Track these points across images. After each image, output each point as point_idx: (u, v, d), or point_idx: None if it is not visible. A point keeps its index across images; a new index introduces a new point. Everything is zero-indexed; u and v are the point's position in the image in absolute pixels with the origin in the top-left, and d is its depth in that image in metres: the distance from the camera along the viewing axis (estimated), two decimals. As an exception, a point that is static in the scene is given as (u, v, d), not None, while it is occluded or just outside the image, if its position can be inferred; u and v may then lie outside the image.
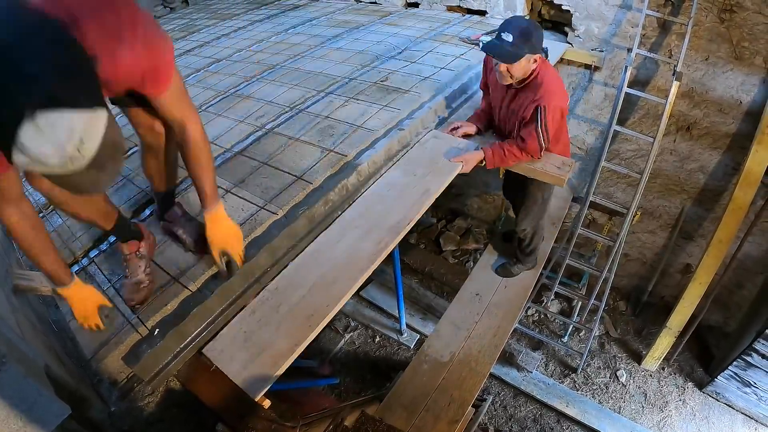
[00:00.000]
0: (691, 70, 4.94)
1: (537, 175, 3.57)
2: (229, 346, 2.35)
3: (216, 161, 3.47)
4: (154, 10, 10.03)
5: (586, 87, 5.80)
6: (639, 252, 6.75)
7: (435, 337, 4.33)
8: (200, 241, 2.54)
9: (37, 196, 2.54)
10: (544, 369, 6.31)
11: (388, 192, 3.21)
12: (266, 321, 2.44)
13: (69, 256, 2.89)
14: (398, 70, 4.58)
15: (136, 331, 2.26)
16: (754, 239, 5.46)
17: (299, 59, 5.21)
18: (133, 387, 2.27)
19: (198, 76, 5.29)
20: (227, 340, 2.38)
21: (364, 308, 7.28)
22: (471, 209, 8.52)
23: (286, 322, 2.42)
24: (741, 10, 4.41)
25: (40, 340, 2.13)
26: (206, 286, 2.47)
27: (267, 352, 2.29)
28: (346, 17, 6.70)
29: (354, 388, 6.31)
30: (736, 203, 4.77)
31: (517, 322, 6.25)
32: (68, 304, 2.15)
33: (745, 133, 4.97)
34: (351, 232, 2.91)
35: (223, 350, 2.34)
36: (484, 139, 3.77)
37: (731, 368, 5.42)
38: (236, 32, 6.82)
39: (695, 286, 5.35)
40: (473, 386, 3.92)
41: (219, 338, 2.39)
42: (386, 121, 3.66)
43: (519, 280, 4.79)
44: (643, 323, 6.79)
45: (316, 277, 2.64)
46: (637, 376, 6.15)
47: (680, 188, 5.82)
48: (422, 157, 3.53)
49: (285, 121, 3.88)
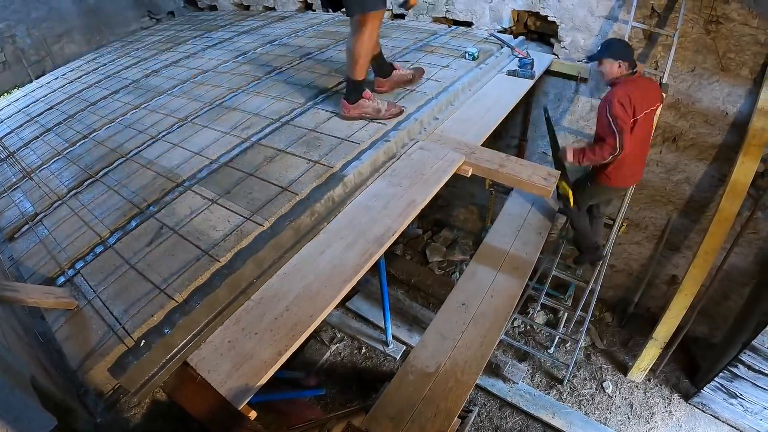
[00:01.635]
0: (678, 82, 5.00)
1: (523, 186, 3.59)
2: (213, 355, 2.35)
3: (202, 173, 3.51)
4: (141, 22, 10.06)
5: (572, 98, 5.86)
6: (625, 263, 6.80)
7: (421, 348, 4.33)
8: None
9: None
10: (530, 380, 6.33)
11: (373, 203, 3.22)
12: (250, 331, 2.44)
13: (55, 267, 2.90)
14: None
15: (122, 343, 2.26)
16: (740, 250, 5.53)
17: (285, 71, 5.21)
18: (119, 398, 2.26)
19: (184, 87, 5.30)
20: (211, 350, 2.39)
21: (350, 319, 7.29)
22: (457, 220, 8.56)
23: (270, 332, 2.42)
24: (727, 22, 4.48)
25: (26, 351, 2.13)
26: (192, 297, 2.47)
27: (251, 362, 2.29)
28: (332, 29, 6.71)
29: (340, 400, 6.30)
30: (723, 214, 4.82)
31: (504, 333, 6.28)
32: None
33: (731, 145, 5.03)
34: (336, 243, 2.92)
35: (207, 359, 2.34)
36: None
37: (717, 380, 5.46)
38: (222, 43, 6.82)
39: (681, 298, 5.36)
40: (459, 397, 3.91)
41: (203, 348, 2.40)
42: (372, 132, 3.67)
43: (505, 290, 4.80)
44: (629, 334, 6.84)
45: (300, 288, 2.65)
46: (623, 387, 6.19)
47: (666, 199, 5.87)
48: (408, 168, 3.55)
49: (271, 133, 3.88)
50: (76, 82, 6.54)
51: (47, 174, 4.11)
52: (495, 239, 5.25)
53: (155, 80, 5.76)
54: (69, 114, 5.29)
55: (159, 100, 5.08)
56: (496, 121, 4.32)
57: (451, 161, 3.62)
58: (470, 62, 4.91)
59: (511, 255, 5.05)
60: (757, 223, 5.29)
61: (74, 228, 3.24)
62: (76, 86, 6.31)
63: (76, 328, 2.44)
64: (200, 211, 3.07)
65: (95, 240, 3.06)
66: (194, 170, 3.56)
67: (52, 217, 3.46)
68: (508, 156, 3.77)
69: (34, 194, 3.84)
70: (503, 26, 5.94)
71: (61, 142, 4.63)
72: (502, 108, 4.49)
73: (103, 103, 5.35)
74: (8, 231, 3.43)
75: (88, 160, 4.13)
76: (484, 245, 5.14)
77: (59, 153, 4.41)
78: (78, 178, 3.88)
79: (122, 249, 2.91)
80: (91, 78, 6.52)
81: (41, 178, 4.07)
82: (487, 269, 5.01)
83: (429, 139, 3.96)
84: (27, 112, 5.79)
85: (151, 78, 5.89)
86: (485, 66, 4.93)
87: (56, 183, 3.90)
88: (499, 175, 3.64)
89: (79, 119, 5.07)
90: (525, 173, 3.57)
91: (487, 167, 3.64)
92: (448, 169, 3.54)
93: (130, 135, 4.39)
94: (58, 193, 3.73)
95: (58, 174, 4.05)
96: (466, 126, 4.21)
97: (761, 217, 5.23)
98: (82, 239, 3.09)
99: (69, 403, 2.01)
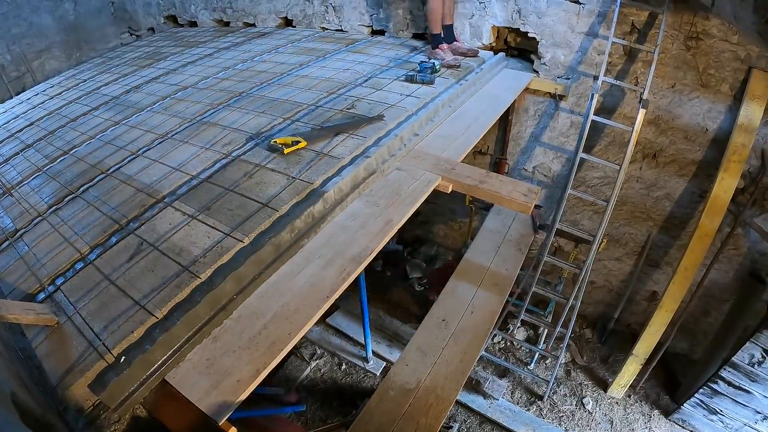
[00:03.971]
0: (658, 98, 5.09)
1: (503, 202, 3.62)
2: (192, 373, 2.36)
3: (182, 188, 3.52)
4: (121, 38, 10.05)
5: (552, 114, 5.93)
6: (605, 279, 6.86)
7: (401, 364, 4.34)
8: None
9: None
10: (510, 396, 6.34)
11: (351, 222, 3.24)
12: (228, 349, 2.45)
13: (35, 283, 2.89)
14: (364, 98, 4.64)
15: (103, 359, 2.25)
16: (720, 266, 5.60)
17: (265, 86, 5.25)
18: (99, 414, 2.26)
19: (164, 103, 5.31)
20: (189, 367, 2.39)
21: (330, 336, 7.27)
22: (437, 236, 8.59)
23: (248, 350, 2.42)
24: (707, 38, 4.57)
25: (6, 368, 2.12)
26: (172, 313, 2.47)
27: (229, 379, 2.30)
28: (312, 45, 6.78)
29: (320, 416, 6.27)
30: (703, 230, 4.88)
31: (484, 349, 6.29)
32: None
33: (710, 161, 5.12)
34: (314, 261, 2.94)
35: (186, 377, 2.34)
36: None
37: (697, 396, 5.49)
38: (202, 59, 6.85)
39: (661, 314, 5.41)
40: (439, 413, 3.93)
41: (181, 365, 2.40)
42: (352, 148, 3.70)
43: (485, 306, 4.83)
44: (609, 350, 6.87)
45: (279, 306, 2.66)
46: (604, 403, 6.21)
47: (647, 215, 5.95)
48: (385, 189, 3.58)
49: (251, 149, 3.90)
50: (56, 98, 6.51)
51: (27, 190, 4.09)
52: (475, 255, 5.30)
53: (135, 96, 5.76)
54: (49, 130, 5.27)
55: (139, 116, 5.09)
56: (476, 137, 4.37)
57: (428, 181, 3.66)
58: (448, 79, 4.98)
59: (491, 271, 5.09)
60: (737, 239, 5.36)
61: (54, 244, 3.23)
62: (56, 102, 6.29)
63: (57, 344, 2.44)
64: (180, 227, 3.08)
65: (75, 256, 3.05)
66: (174, 186, 3.56)
67: (32, 233, 3.45)
68: (488, 172, 3.81)
69: (14, 210, 3.82)
70: (483, 42, 6.02)
71: (41, 158, 4.61)
72: (481, 125, 4.54)
73: (84, 119, 5.34)
74: (-12, 247, 3.42)
75: (68, 176, 4.12)
76: (464, 261, 5.18)
77: (39, 169, 4.40)
78: (58, 194, 3.87)
79: (102, 265, 2.91)
80: (72, 94, 6.51)
81: (21, 194, 4.05)
82: (467, 285, 5.05)
83: (409, 155, 4.00)
84: (7, 129, 5.76)
85: (131, 94, 5.89)
86: (465, 82, 5.00)
87: (36, 199, 3.89)
88: (479, 192, 3.67)
89: (59, 135, 5.05)
90: (505, 189, 3.61)
91: (467, 183, 3.68)
92: (425, 189, 3.58)
93: (110, 151, 4.39)
94: (38, 209, 3.72)
95: (38, 190, 4.03)
96: (446, 142, 4.26)
97: (741, 234, 5.31)
98: (63, 255, 3.09)
99: (49, 419, 2.01)
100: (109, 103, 5.72)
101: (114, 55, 8.65)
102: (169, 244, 2.96)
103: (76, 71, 7.94)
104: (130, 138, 4.58)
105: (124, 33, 10.15)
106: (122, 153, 4.30)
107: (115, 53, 8.81)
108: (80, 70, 8.00)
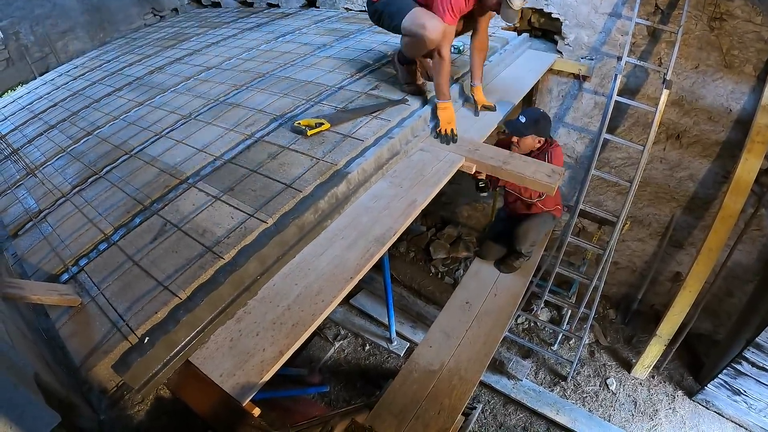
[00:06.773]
0: (681, 79, 4.98)
1: (528, 183, 3.57)
2: (216, 354, 2.35)
3: (205, 169, 3.50)
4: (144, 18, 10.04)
5: (576, 95, 5.84)
6: (629, 260, 6.79)
7: (425, 346, 4.33)
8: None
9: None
10: (534, 377, 6.32)
11: (374, 203, 3.21)
12: (252, 329, 2.44)
13: (59, 264, 2.90)
14: (388, 79, 4.57)
15: (126, 340, 2.25)
16: (743, 247, 5.51)
17: (289, 68, 5.20)
18: (122, 395, 2.26)
19: (188, 84, 5.30)
20: (213, 348, 2.38)
21: (353, 317, 7.29)
22: (461, 217, 8.54)
23: (272, 331, 2.41)
24: (731, 19, 4.46)
25: (30, 349, 2.12)
26: (195, 294, 2.47)
27: (253, 360, 2.29)
28: (336, 26, 6.71)
29: (344, 397, 6.30)
30: (726, 211, 4.81)
31: (507, 330, 6.27)
32: (439, 115, 3.81)
33: (734, 142, 5.02)
34: (337, 243, 2.92)
35: (210, 358, 2.34)
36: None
37: (721, 376, 5.44)
38: (226, 40, 6.83)
39: (685, 295, 5.36)
40: (463, 394, 3.92)
41: (205, 346, 2.39)
42: (375, 129, 3.65)
43: (508, 288, 4.80)
44: (632, 331, 6.82)
45: (302, 287, 2.64)
46: (627, 384, 6.17)
47: (670, 196, 5.86)
48: (409, 170, 3.54)
49: (274, 130, 3.87)
50: (79, 79, 6.55)
51: (51, 171, 4.11)
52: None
53: (159, 77, 5.76)
54: (73, 111, 5.29)
55: (163, 97, 5.08)
56: (499, 118, 4.31)
57: (451, 162, 3.62)
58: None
59: (515, 252, 5.03)
60: (760, 220, 5.27)
61: (78, 225, 3.24)
62: (79, 83, 6.32)
63: (80, 325, 2.44)
64: (204, 208, 3.07)
65: (99, 237, 3.05)
66: (198, 167, 3.55)
67: (55, 214, 3.46)
68: (511, 153, 3.77)
69: (37, 191, 3.84)
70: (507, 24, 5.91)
71: (65, 139, 4.63)
72: (505, 105, 4.48)
73: (107, 100, 5.36)
74: (12, 228, 3.43)
75: (92, 157, 4.13)
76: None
77: (63, 150, 4.42)
78: (82, 175, 3.88)
79: (126, 246, 2.91)
80: (95, 75, 6.53)
81: (45, 175, 4.07)
82: (490, 267, 5.01)
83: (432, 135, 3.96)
84: (31, 109, 5.80)
85: (154, 75, 5.89)
86: (489, 63, 4.91)
87: (60, 180, 3.90)
88: (503, 172, 3.62)
89: (83, 116, 5.07)
90: (529, 170, 3.56)
91: (490, 164, 3.64)
92: (449, 170, 3.54)
93: (133, 132, 4.39)
94: (62, 190, 3.73)
95: (61, 171, 4.05)
96: (469, 123, 4.20)
97: (765, 214, 5.21)
98: (86, 236, 3.09)
99: (73, 399, 2.01)
100: (132, 83, 5.73)
101: (137, 35, 8.67)
102: (192, 224, 2.94)
103: (100, 52, 7.98)
104: (153, 119, 4.57)
105: (147, 14, 10.13)
106: (146, 134, 4.30)
107: (139, 34, 8.83)
108: (104, 50, 8.04)
